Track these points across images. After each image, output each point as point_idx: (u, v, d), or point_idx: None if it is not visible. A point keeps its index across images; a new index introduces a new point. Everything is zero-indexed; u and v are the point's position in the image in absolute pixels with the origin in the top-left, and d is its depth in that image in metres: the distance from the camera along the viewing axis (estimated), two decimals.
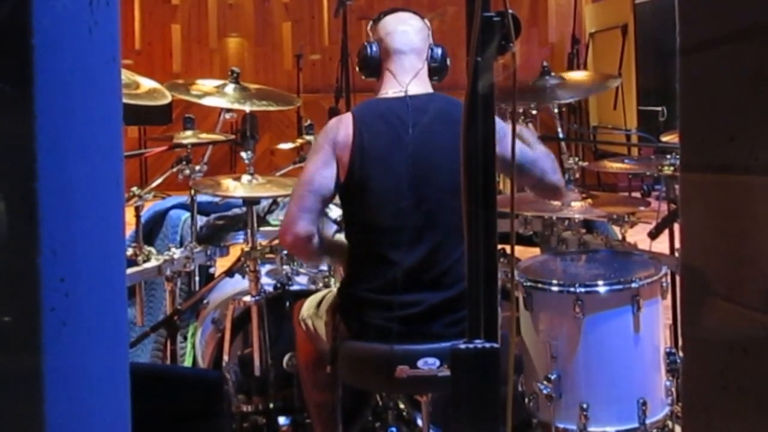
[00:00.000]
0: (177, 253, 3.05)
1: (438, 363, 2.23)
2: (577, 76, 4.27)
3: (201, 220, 3.32)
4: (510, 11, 1.16)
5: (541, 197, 2.60)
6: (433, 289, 2.27)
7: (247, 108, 3.10)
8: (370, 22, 2.50)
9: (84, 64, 0.79)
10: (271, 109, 3.27)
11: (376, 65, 2.43)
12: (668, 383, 2.48)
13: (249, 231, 2.93)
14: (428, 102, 2.34)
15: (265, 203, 3.27)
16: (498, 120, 1.19)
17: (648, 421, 2.40)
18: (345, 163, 2.30)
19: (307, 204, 2.32)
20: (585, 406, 2.38)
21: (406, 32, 2.42)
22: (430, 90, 2.40)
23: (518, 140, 2.34)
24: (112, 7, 0.82)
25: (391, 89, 2.40)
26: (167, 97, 3.17)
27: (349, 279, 2.40)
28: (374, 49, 2.42)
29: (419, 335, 2.25)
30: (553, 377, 2.40)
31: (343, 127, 2.34)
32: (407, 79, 2.37)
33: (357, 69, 2.49)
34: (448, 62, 2.45)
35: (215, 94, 3.27)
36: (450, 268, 2.27)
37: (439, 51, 2.43)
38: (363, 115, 2.36)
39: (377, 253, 2.30)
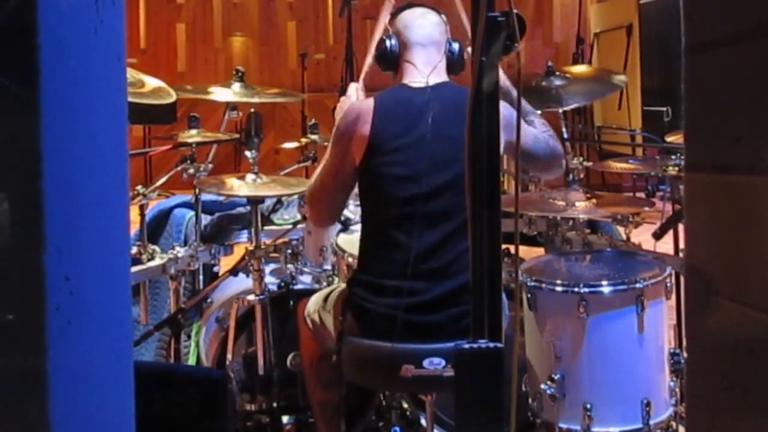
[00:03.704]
0: (181, 251, 3.05)
1: (443, 363, 2.23)
2: (581, 69, 4.23)
3: (205, 219, 3.33)
4: (515, 11, 1.15)
5: (545, 175, 2.69)
6: (439, 278, 2.29)
7: (254, 100, 3.11)
8: (388, 17, 2.53)
9: (89, 64, 0.79)
10: (278, 100, 3.28)
11: (395, 58, 2.46)
12: (672, 384, 2.47)
13: (253, 230, 2.94)
14: (446, 93, 2.37)
15: (269, 202, 3.27)
16: (505, 106, 1.19)
17: (652, 422, 2.39)
18: (362, 151, 2.34)
19: (336, 198, 2.46)
20: (589, 406, 2.37)
21: (425, 26, 2.46)
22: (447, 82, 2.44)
23: (527, 127, 2.50)
24: (117, 6, 0.82)
25: (412, 79, 2.43)
26: (172, 96, 3.17)
27: (360, 266, 2.42)
28: (393, 42, 2.46)
29: (424, 327, 2.26)
30: (556, 377, 2.40)
31: (362, 115, 2.36)
32: (427, 71, 2.41)
33: (375, 62, 2.52)
34: (465, 56, 2.47)
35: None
36: (456, 258, 2.29)
37: (456, 45, 2.47)
38: (384, 102, 2.39)
39: (388, 237, 2.33)
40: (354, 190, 2.50)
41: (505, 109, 1.20)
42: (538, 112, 3.20)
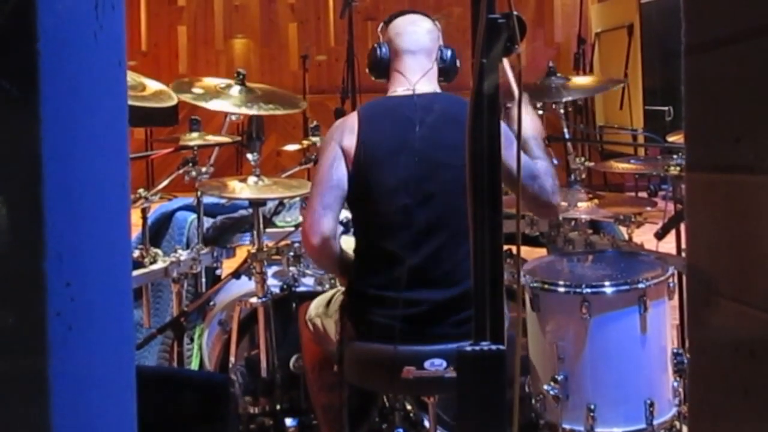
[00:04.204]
0: (183, 254, 3.05)
1: (445, 364, 2.22)
2: (582, 81, 4.21)
3: (207, 222, 3.33)
4: (515, 13, 1.15)
5: (534, 213, 2.59)
6: (438, 288, 2.28)
7: (253, 112, 3.10)
8: (381, 24, 2.52)
9: (89, 69, 0.79)
10: (277, 113, 3.27)
11: (385, 66, 2.44)
12: (675, 384, 2.47)
13: (255, 232, 2.94)
14: (434, 100, 2.35)
15: (271, 205, 3.27)
16: (504, 127, 1.19)
17: (655, 422, 2.39)
18: (350, 161, 2.31)
19: (328, 201, 2.31)
20: (592, 407, 2.37)
21: (416, 32, 2.44)
22: (437, 89, 2.41)
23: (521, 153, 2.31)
24: (117, 11, 0.83)
25: (399, 88, 2.41)
26: (173, 99, 3.17)
27: (357, 276, 2.40)
28: (384, 50, 2.44)
29: (424, 336, 2.26)
30: (560, 378, 2.40)
31: (348, 125, 2.35)
32: (416, 79, 2.38)
33: (367, 70, 2.50)
34: (458, 63, 2.46)
35: (221, 96, 3.26)
36: (455, 267, 2.27)
37: (449, 52, 2.45)
38: (369, 113, 2.38)
39: (384, 250, 2.31)
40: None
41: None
42: (540, 112, 3.21)
